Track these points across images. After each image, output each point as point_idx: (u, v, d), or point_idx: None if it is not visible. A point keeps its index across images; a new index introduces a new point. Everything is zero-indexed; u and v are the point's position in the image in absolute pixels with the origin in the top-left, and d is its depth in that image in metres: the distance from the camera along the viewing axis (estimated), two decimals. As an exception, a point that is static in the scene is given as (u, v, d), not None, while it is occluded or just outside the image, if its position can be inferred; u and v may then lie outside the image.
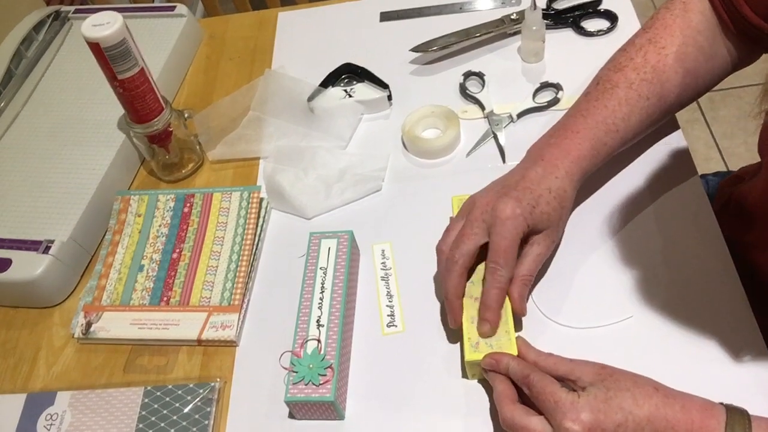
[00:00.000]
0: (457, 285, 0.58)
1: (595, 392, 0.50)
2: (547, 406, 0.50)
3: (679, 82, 0.64)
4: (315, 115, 0.82)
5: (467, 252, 0.58)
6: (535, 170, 0.60)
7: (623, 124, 0.63)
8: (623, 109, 0.63)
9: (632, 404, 0.49)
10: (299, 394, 0.57)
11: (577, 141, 0.62)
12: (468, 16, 0.91)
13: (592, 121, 0.62)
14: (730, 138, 1.77)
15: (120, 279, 0.71)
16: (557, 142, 0.62)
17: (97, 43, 0.66)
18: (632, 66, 0.64)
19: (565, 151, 0.61)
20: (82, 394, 0.64)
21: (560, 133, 0.63)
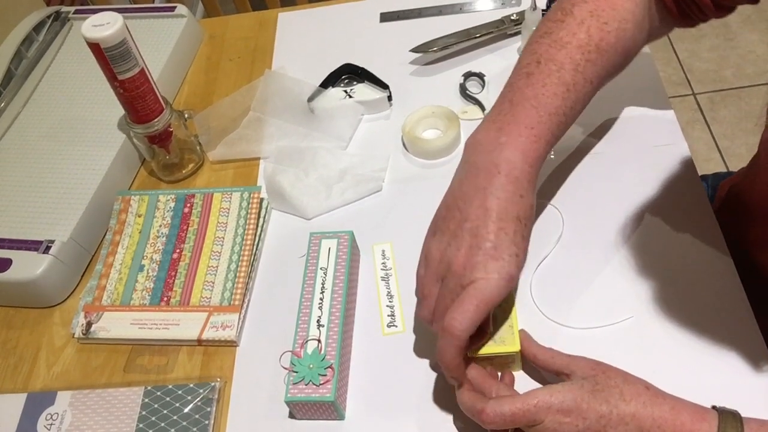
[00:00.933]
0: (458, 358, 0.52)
1: (583, 382, 0.50)
2: (529, 416, 0.49)
3: (616, 62, 0.59)
4: (315, 115, 0.82)
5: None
6: (497, 195, 0.52)
7: (571, 113, 0.56)
8: (571, 96, 0.56)
9: (619, 399, 0.48)
10: (299, 394, 0.57)
11: (533, 141, 0.53)
12: (468, 17, 0.91)
13: (545, 114, 0.54)
14: (730, 138, 1.77)
15: (120, 279, 0.71)
16: (510, 142, 0.53)
17: (97, 43, 0.66)
18: (576, 44, 0.56)
19: (523, 156, 0.53)
20: (82, 393, 0.64)
21: (513, 129, 0.54)
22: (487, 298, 0.49)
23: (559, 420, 0.48)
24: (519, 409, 0.49)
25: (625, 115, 0.75)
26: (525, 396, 0.50)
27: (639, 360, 0.57)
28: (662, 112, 0.75)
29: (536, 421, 0.49)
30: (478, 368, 0.55)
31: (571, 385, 0.50)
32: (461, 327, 0.49)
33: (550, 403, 0.49)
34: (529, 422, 0.49)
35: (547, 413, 0.49)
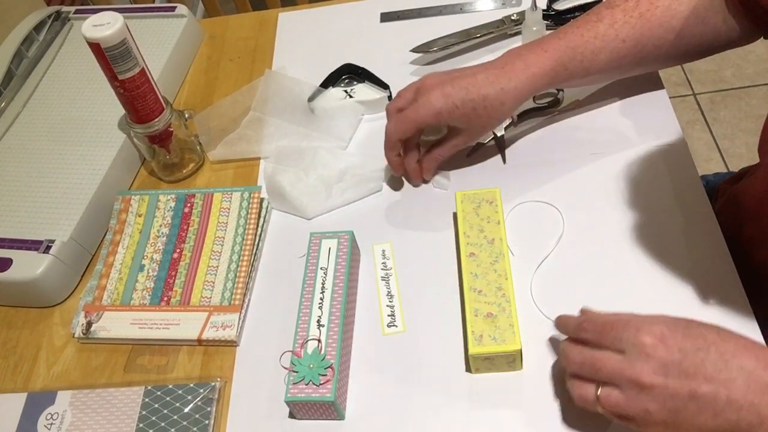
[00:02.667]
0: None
1: (675, 318, 0.49)
2: (616, 332, 0.49)
3: (660, 37, 0.64)
4: (315, 115, 0.82)
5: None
6: (487, 73, 0.65)
7: (591, 57, 0.65)
8: (596, 42, 0.64)
9: (716, 336, 0.47)
10: (299, 393, 0.57)
11: (542, 58, 0.65)
12: (468, 17, 0.91)
13: (563, 45, 0.65)
14: (730, 139, 1.77)
15: (120, 279, 0.71)
16: (525, 54, 0.66)
17: (97, 43, 0.66)
18: (623, 7, 0.65)
19: (526, 65, 0.65)
20: (82, 393, 0.64)
21: (532, 47, 0.66)
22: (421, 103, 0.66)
23: (654, 344, 0.47)
24: (614, 323, 0.50)
25: (625, 115, 0.75)
26: (624, 314, 0.51)
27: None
28: (662, 112, 0.75)
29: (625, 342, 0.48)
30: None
31: (665, 316, 0.49)
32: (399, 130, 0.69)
33: (643, 327, 0.48)
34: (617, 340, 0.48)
35: (636, 334, 0.48)
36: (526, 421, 0.57)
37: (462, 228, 0.65)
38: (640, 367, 0.47)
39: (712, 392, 0.45)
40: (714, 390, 0.45)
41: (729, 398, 0.45)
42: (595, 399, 0.49)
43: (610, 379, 0.48)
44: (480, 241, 0.63)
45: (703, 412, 0.46)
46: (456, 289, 0.66)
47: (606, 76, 0.69)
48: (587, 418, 0.55)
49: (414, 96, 0.68)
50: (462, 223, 0.65)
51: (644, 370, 0.47)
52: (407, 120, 0.67)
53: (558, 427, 0.56)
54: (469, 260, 0.62)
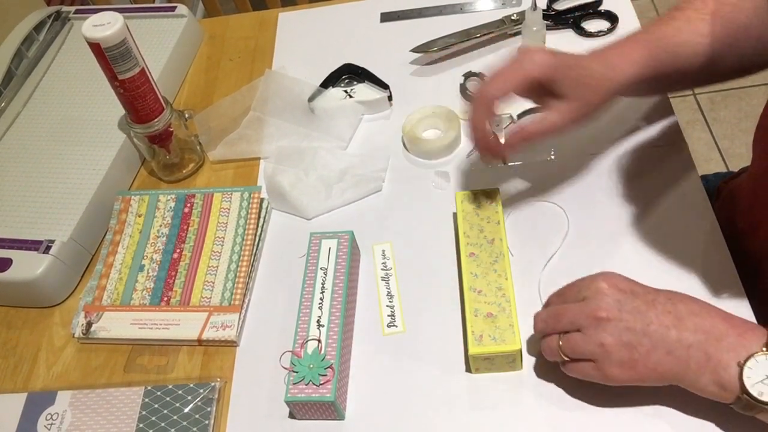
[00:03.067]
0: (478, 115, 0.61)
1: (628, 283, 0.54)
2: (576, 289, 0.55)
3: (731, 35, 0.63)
4: (315, 115, 0.82)
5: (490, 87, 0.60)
6: (589, 56, 0.61)
7: (674, 49, 0.62)
8: (679, 36, 0.62)
9: (668, 293, 0.53)
10: (299, 394, 0.57)
11: (634, 47, 0.61)
12: (468, 17, 0.91)
13: (647, 36, 0.63)
14: (730, 139, 1.77)
15: (120, 279, 0.71)
16: (616, 44, 0.62)
17: (97, 43, 0.66)
18: (692, 8, 0.64)
19: (621, 51, 0.61)
20: (82, 393, 0.64)
21: (620, 41, 0.63)
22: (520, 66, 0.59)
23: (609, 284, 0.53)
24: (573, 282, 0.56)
25: (625, 116, 0.75)
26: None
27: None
28: (662, 112, 0.75)
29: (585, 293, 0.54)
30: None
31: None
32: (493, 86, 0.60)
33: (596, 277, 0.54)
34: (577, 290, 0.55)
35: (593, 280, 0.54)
36: (526, 421, 0.57)
37: (462, 228, 0.65)
38: (596, 305, 0.52)
39: (663, 328, 0.50)
40: (664, 327, 0.50)
41: (679, 336, 0.50)
42: (558, 347, 0.54)
43: (571, 324, 0.53)
44: (480, 241, 0.63)
45: (657, 349, 0.50)
46: (456, 289, 0.66)
47: (688, 78, 0.65)
48: (587, 418, 0.56)
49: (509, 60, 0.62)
50: (462, 223, 0.65)
51: (600, 306, 0.52)
52: (508, 74, 0.60)
53: (558, 427, 0.56)
54: (469, 260, 0.62)
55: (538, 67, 0.59)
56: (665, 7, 2.10)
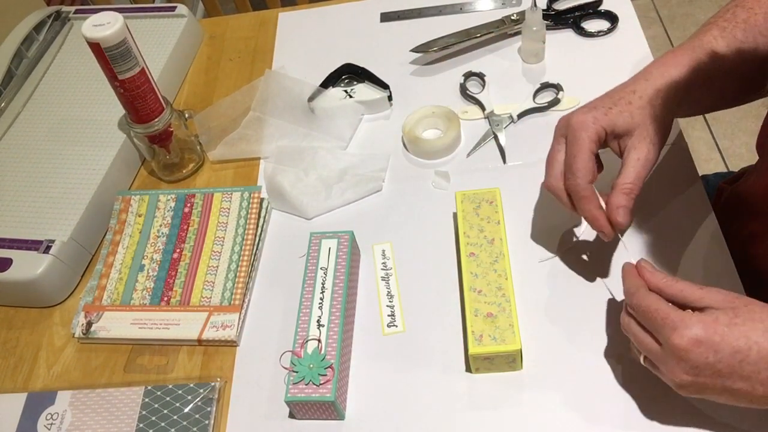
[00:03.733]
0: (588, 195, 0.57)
1: (718, 315, 0.47)
2: (655, 325, 0.48)
3: (761, 43, 0.62)
4: (315, 115, 0.82)
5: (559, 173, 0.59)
6: (625, 82, 0.60)
7: (716, 53, 0.61)
8: (719, 42, 0.61)
9: (761, 335, 0.45)
10: (299, 394, 0.57)
11: (676, 56, 0.60)
12: (468, 17, 0.91)
13: (689, 45, 0.61)
14: (730, 138, 1.77)
15: (120, 279, 0.71)
16: (656, 60, 0.62)
17: (97, 43, 0.66)
18: (723, 19, 0.63)
19: (661, 62, 0.60)
20: (82, 393, 0.64)
21: (659, 57, 0.62)
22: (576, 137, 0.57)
23: (686, 348, 0.46)
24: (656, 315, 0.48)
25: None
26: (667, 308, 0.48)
27: (639, 360, 0.58)
28: (662, 112, 0.74)
29: (663, 338, 0.48)
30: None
31: (705, 316, 0.47)
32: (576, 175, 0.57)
33: (682, 330, 0.46)
34: (657, 333, 0.48)
35: (672, 336, 0.47)
36: (526, 421, 0.57)
37: (462, 228, 0.65)
38: (672, 366, 0.47)
39: (748, 388, 0.46)
40: (750, 386, 0.46)
41: (765, 393, 0.46)
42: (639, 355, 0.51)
43: (649, 357, 0.50)
44: (480, 241, 0.63)
45: (739, 401, 0.47)
46: (456, 289, 0.66)
47: (727, 82, 0.63)
48: (587, 417, 0.56)
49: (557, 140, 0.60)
50: (462, 223, 0.65)
51: (676, 371, 0.47)
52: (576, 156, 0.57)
53: (558, 426, 0.56)
54: (469, 260, 0.62)
55: (590, 131, 0.57)
56: (665, 7, 2.10)
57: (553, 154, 0.60)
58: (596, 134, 0.57)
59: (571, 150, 0.57)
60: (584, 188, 0.57)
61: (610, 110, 0.57)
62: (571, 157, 0.57)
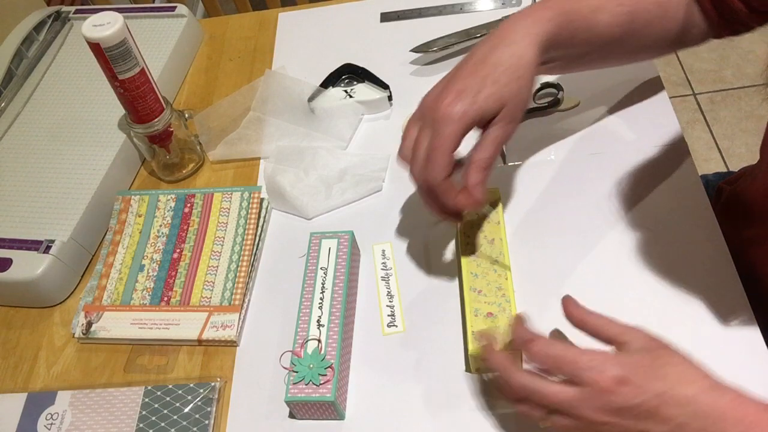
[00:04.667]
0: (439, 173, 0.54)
1: (640, 357, 0.47)
2: (569, 368, 0.47)
3: (650, 10, 0.60)
4: (315, 115, 0.82)
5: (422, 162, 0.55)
6: (486, 44, 0.55)
7: (591, 15, 0.58)
8: (594, 1, 0.58)
9: (677, 380, 0.45)
10: (299, 393, 0.57)
11: (541, 7, 0.56)
12: (468, 17, 0.91)
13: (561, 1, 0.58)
14: (730, 139, 1.77)
15: (120, 279, 0.71)
16: (518, 13, 0.57)
17: (97, 43, 0.66)
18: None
19: (524, 15, 0.56)
20: (82, 393, 0.64)
21: (530, 7, 0.58)
22: (441, 129, 0.53)
23: (610, 388, 0.45)
24: (568, 358, 0.47)
25: (625, 115, 0.75)
26: (579, 350, 0.48)
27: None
28: (662, 112, 0.75)
29: (581, 379, 0.46)
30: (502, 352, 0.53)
31: (628, 357, 0.47)
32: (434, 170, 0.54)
33: (603, 369, 0.46)
34: (573, 376, 0.47)
35: (593, 375, 0.46)
36: (527, 421, 0.56)
37: (462, 228, 0.65)
38: (593, 408, 0.46)
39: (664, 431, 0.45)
40: (668, 430, 0.45)
41: None
42: (543, 419, 0.49)
43: (561, 411, 0.48)
44: (480, 241, 0.63)
45: None
46: (456, 289, 0.66)
47: (603, 50, 0.61)
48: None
49: (423, 125, 0.56)
50: (462, 223, 0.65)
51: (597, 412, 0.46)
52: (436, 154, 0.54)
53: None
54: (469, 260, 0.62)
55: (459, 123, 0.53)
56: (665, 7, 2.10)
57: (411, 135, 0.56)
58: (463, 130, 0.54)
59: (433, 142, 0.54)
60: (440, 184, 0.54)
61: (478, 95, 0.53)
62: (433, 152, 0.53)
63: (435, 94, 0.56)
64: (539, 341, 0.49)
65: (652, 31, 0.62)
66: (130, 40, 0.68)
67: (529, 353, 0.49)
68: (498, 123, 0.54)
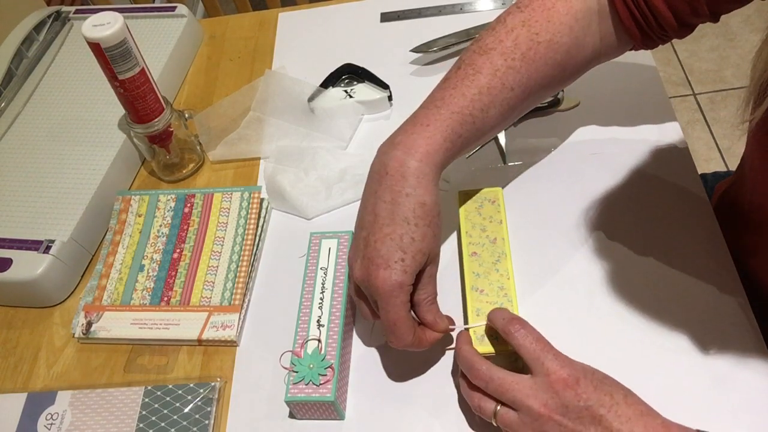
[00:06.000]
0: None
1: (593, 372, 0.50)
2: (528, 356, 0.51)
3: (546, 74, 0.58)
4: (315, 115, 0.82)
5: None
6: (384, 198, 0.53)
7: (481, 115, 0.56)
8: (483, 99, 0.56)
9: (621, 399, 0.48)
10: (299, 393, 0.57)
11: (426, 135, 0.54)
12: (468, 17, 0.91)
13: (446, 112, 0.55)
14: (730, 138, 1.77)
15: (120, 279, 0.71)
16: (403, 141, 0.54)
17: (97, 43, 0.66)
18: (500, 50, 0.57)
19: (410, 151, 0.53)
20: (82, 393, 0.64)
21: (408, 129, 0.55)
22: (390, 306, 0.52)
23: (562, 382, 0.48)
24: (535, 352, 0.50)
25: (625, 115, 0.75)
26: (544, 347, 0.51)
27: (639, 359, 0.57)
28: (662, 112, 0.75)
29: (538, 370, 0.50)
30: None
31: (585, 367, 0.50)
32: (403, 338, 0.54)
33: (562, 365, 0.49)
34: (532, 365, 0.50)
35: (551, 366, 0.49)
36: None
37: (464, 227, 0.65)
38: (543, 400, 0.49)
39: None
40: None
41: None
42: (493, 414, 0.52)
43: (512, 403, 0.50)
44: (482, 241, 0.63)
45: None
46: (457, 289, 0.66)
47: (498, 130, 0.61)
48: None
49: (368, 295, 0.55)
50: (464, 222, 0.65)
51: (547, 404, 0.48)
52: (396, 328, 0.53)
53: (558, 427, 0.56)
54: (471, 260, 0.62)
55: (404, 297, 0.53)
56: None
57: (363, 302, 0.56)
58: (406, 296, 0.53)
59: (388, 319, 0.53)
60: (411, 344, 0.54)
61: (404, 262, 0.52)
62: (392, 324, 0.53)
63: (360, 267, 0.54)
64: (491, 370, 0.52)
65: (551, 88, 0.61)
66: (130, 40, 0.68)
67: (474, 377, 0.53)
68: (428, 265, 0.55)
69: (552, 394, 0.48)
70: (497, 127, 0.59)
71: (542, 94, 0.61)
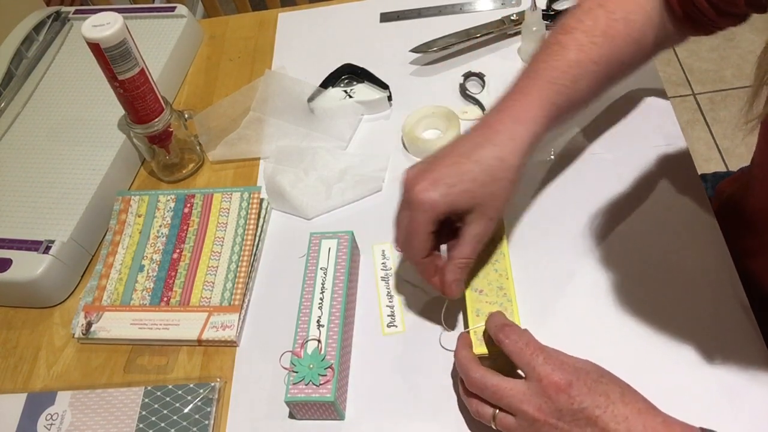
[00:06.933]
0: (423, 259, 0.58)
1: (587, 371, 0.50)
2: (520, 362, 0.51)
3: (625, 51, 0.61)
4: (315, 115, 0.82)
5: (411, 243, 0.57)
6: (471, 139, 0.57)
7: (573, 86, 0.59)
8: (573, 71, 0.59)
9: (618, 398, 0.48)
10: (299, 394, 0.57)
11: (526, 103, 0.58)
12: (468, 17, 0.91)
13: (541, 82, 0.59)
14: (730, 138, 1.77)
15: (120, 279, 0.71)
16: (504, 106, 0.58)
17: (97, 43, 0.66)
18: (582, 28, 0.61)
19: (512, 115, 0.57)
20: (82, 393, 0.64)
21: (509, 96, 0.59)
22: (415, 214, 0.55)
23: (556, 386, 0.48)
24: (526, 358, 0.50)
25: (625, 115, 0.75)
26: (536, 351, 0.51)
27: (638, 358, 0.57)
28: (662, 112, 0.75)
29: (532, 375, 0.49)
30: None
31: (578, 368, 0.50)
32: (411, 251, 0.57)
33: (554, 369, 0.49)
34: (526, 371, 0.50)
35: (544, 371, 0.49)
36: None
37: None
38: (538, 404, 0.49)
39: None
40: None
41: None
42: (492, 419, 0.52)
43: (509, 409, 0.51)
44: None
45: None
46: (456, 289, 0.66)
47: (588, 103, 0.64)
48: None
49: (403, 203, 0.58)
50: None
51: (541, 409, 0.49)
52: (411, 238, 0.56)
53: (558, 427, 0.56)
54: None
55: (431, 216, 0.55)
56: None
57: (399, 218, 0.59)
58: (434, 218, 0.55)
59: (409, 226, 0.56)
60: (419, 262, 0.58)
61: (452, 188, 0.54)
62: (409, 234, 0.56)
63: (414, 174, 0.57)
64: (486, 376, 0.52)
65: (630, 65, 0.64)
66: (129, 40, 0.68)
67: (469, 383, 0.53)
68: (475, 221, 0.56)
69: (545, 398, 0.49)
70: (586, 100, 0.62)
71: (623, 71, 0.64)
